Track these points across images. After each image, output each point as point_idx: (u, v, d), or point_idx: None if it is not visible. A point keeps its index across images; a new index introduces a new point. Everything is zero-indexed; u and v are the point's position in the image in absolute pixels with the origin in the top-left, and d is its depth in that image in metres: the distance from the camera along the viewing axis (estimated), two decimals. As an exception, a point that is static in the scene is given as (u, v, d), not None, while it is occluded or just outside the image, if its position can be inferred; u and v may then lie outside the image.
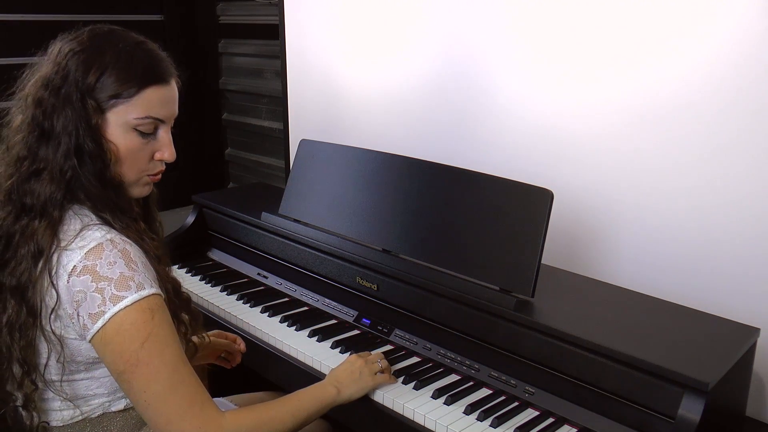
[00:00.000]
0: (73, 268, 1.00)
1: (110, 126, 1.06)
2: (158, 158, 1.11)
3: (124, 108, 1.05)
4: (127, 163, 1.08)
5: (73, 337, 1.03)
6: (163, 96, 1.08)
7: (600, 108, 1.57)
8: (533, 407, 1.25)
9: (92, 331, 1.00)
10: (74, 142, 1.03)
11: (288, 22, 2.34)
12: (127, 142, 1.07)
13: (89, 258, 1.00)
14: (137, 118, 1.06)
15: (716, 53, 1.38)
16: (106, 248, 1.00)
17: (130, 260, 1.01)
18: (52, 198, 1.03)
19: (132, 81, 1.05)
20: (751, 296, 1.38)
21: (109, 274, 0.99)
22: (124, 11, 3.12)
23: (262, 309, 1.64)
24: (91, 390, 1.08)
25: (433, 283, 1.40)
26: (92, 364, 1.06)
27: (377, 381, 1.29)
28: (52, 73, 1.05)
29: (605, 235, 1.60)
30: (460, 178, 1.44)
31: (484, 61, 1.78)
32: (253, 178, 3.38)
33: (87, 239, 1.01)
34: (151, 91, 1.06)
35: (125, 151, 1.07)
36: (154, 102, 1.06)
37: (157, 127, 1.09)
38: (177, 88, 1.13)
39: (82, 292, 0.99)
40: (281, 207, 1.75)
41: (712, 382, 1.06)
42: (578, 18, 1.57)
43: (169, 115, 1.10)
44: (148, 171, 1.11)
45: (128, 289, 0.99)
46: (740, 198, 1.38)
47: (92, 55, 1.05)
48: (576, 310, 1.33)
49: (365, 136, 2.10)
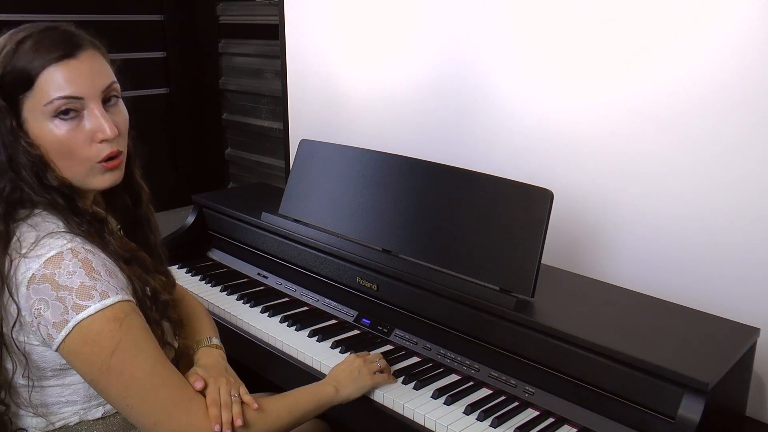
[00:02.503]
0: (32, 276, 0.96)
1: (30, 124, 1.00)
2: (98, 140, 1.02)
3: (32, 98, 0.99)
4: (65, 157, 1.01)
5: (37, 343, 0.99)
6: (69, 72, 0.99)
7: (600, 109, 1.57)
8: (533, 407, 1.25)
9: (57, 340, 0.96)
10: (2, 155, 0.99)
11: (288, 22, 2.34)
12: (54, 133, 1.00)
13: (48, 267, 0.96)
14: (47, 103, 0.99)
15: (718, 55, 1.38)
16: (66, 257, 0.97)
17: (91, 269, 0.97)
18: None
19: (30, 65, 0.98)
20: (751, 296, 1.38)
21: (68, 284, 0.96)
22: (124, 11, 3.11)
23: (262, 309, 1.64)
24: (63, 397, 1.05)
25: (433, 283, 1.40)
26: (61, 370, 1.02)
27: (376, 381, 1.29)
28: None
29: (605, 235, 1.60)
30: (460, 178, 1.44)
31: (485, 60, 1.78)
32: (253, 178, 3.38)
33: (46, 247, 0.97)
34: (53, 69, 0.99)
35: (55, 143, 1.00)
36: (59, 80, 0.99)
37: (79, 107, 1.00)
38: (98, 60, 1.04)
39: (43, 301, 0.96)
40: (281, 207, 1.75)
41: (712, 382, 1.06)
42: (578, 19, 1.57)
43: (88, 91, 1.01)
44: (95, 157, 1.02)
45: (90, 299, 0.96)
46: (740, 198, 1.38)
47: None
48: (576, 310, 1.33)
49: (365, 136, 2.10)
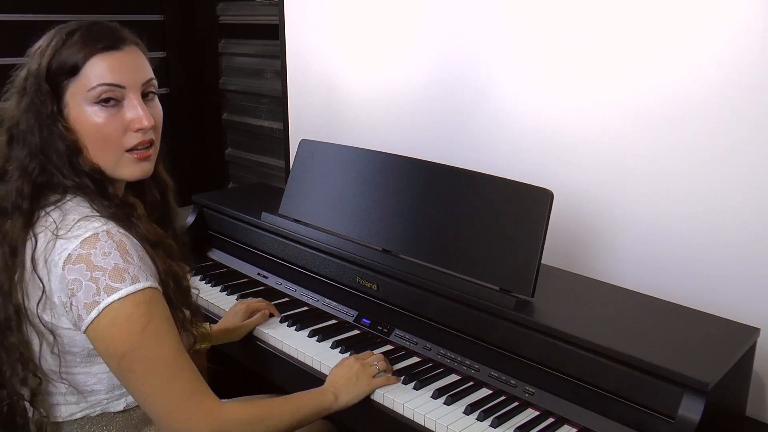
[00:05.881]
0: (68, 256, 1.00)
1: (70, 108, 1.06)
2: (134, 128, 1.07)
3: (76, 84, 1.05)
4: (99, 143, 1.06)
5: (67, 326, 1.03)
6: (113, 62, 1.06)
7: (601, 109, 1.57)
8: (533, 407, 1.25)
9: (87, 321, 1.00)
10: (37, 138, 1.05)
11: (288, 22, 2.34)
12: (92, 119, 1.05)
13: (84, 247, 1.00)
14: (90, 89, 1.04)
15: (717, 55, 1.38)
16: (102, 238, 1.01)
17: (125, 252, 1.01)
18: (20, 196, 1.04)
19: (78, 54, 1.05)
20: (751, 296, 1.38)
21: (103, 264, 0.99)
22: (124, 11, 3.11)
23: (262, 309, 1.63)
24: (89, 386, 1.08)
25: (433, 283, 1.40)
26: (88, 357, 1.06)
27: (374, 385, 1.29)
28: (21, 78, 1.08)
29: (605, 235, 1.60)
30: (460, 178, 1.44)
31: (485, 60, 1.78)
32: (253, 178, 3.38)
33: (83, 229, 1.01)
34: (98, 58, 1.05)
35: (92, 128, 1.05)
36: (103, 69, 1.05)
37: (119, 96, 1.06)
38: (140, 55, 1.11)
39: (77, 281, 0.99)
40: (281, 207, 1.75)
41: (712, 382, 1.06)
42: (578, 20, 1.57)
43: (130, 81, 1.07)
44: (126, 146, 1.08)
45: (123, 281, 0.99)
46: (740, 198, 1.38)
47: (44, 44, 1.07)
48: (576, 310, 1.33)
49: (365, 136, 2.10)
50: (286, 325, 1.56)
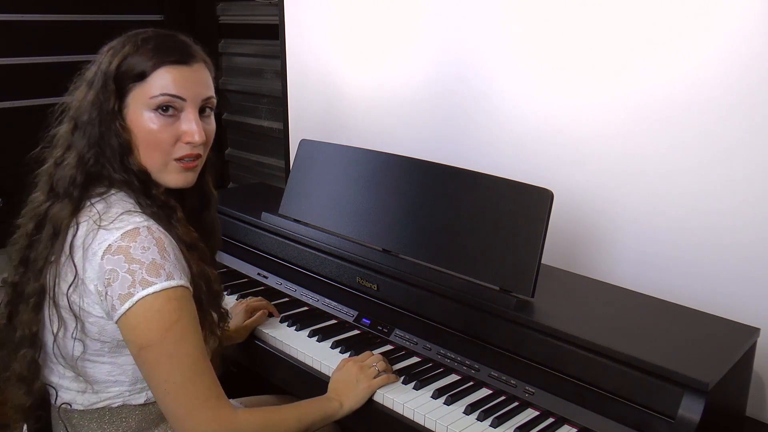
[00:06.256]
0: (108, 246, 1.03)
1: (130, 109, 1.10)
2: (185, 140, 1.11)
3: (141, 89, 1.09)
4: (149, 147, 1.10)
5: (100, 314, 1.05)
6: (180, 75, 1.10)
7: (601, 109, 1.57)
8: (533, 407, 1.25)
9: (120, 311, 1.02)
10: (96, 131, 1.09)
11: (288, 22, 2.34)
12: (147, 124, 1.09)
13: (124, 239, 1.03)
14: (153, 97, 1.09)
15: (718, 55, 1.38)
16: (142, 233, 1.04)
17: (163, 249, 1.04)
18: (72, 184, 1.09)
19: (147, 62, 1.09)
20: (751, 296, 1.38)
21: (141, 258, 1.02)
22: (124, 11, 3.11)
23: (262, 309, 1.63)
24: (113, 376, 1.11)
25: (433, 283, 1.40)
26: (117, 348, 1.08)
27: (373, 387, 1.29)
28: (91, 72, 1.14)
29: (605, 235, 1.60)
30: (460, 178, 1.44)
31: (485, 60, 1.78)
32: (253, 178, 3.38)
33: (125, 222, 1.05)
34: (166, 69, 1.09)
35: (146, 132, 1.10)
36: (169, 80, 1.09)
37: (179, 107, 1.10)
38: (205, 73, 1.15)
39: (114, 271, 1.02)
40: (281, 207, 1.75)
41: (712, 382, 1.06)
42: (579, 20, 1.58)
43: (191, 95, 1.11)
44: (174, 155, 1.12)
45: (158, 276, 1.02)
46: (740, 198, 1.38)
47: (118, 46, 1.12)
48: (576, 310, 1.33)
49: (365, 136, 2.10)
50: (286, 325, 1.56)
